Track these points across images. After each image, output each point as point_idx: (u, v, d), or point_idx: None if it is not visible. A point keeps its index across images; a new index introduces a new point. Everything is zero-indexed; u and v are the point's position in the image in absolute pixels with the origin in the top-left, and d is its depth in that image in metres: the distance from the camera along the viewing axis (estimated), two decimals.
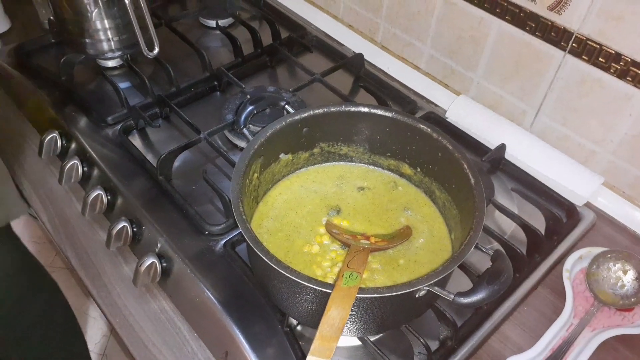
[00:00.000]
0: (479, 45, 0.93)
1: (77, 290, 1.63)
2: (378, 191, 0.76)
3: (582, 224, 0.83)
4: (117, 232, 0.79)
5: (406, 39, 1.06)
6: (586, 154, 0.87)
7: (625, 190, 0.86)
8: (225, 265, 0.75)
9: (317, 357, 0.50)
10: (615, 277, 0.74)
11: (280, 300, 0.65)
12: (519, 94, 0.92)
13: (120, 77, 1.03)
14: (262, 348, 0.67)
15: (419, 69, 1.07)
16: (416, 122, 0.71)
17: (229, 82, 1.01)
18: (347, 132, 0.76)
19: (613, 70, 0.78)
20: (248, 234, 0.57)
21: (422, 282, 0.55)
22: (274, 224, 0.71)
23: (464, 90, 1.01)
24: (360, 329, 0.62)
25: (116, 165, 0.87)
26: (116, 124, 0.93)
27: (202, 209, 0.80)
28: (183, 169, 0.88)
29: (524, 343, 0.70)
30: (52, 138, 0.91)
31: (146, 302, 0.81)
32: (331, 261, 0.67)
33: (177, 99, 0.97)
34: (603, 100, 0.81)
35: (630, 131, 0.80)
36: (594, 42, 0.78)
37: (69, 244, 0.94)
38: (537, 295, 0.76)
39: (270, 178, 0.74)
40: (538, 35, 0.84)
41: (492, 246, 0.76)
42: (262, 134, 0.69)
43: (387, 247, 0.68)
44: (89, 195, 0.83)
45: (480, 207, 0.62)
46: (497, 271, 0.56)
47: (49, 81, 1.00)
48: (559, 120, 0.88)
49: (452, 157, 0.68)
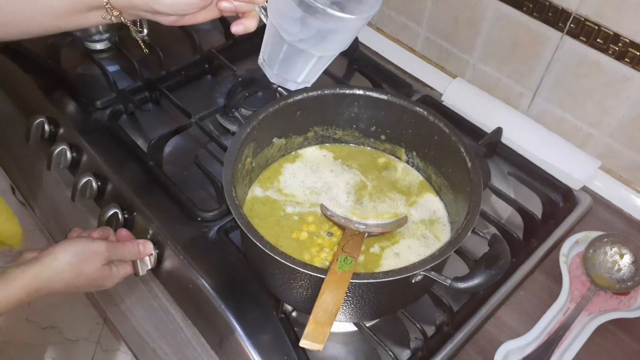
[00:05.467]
0: (475, 27, 0.92)
1: None
2: (373, 175, 0.75)
3: (578, 208, 0.83)
4: (108, 219, 0.77)
5: (402, 20, 1.04)
6: (583, 137, 0.87)
7: (621, 173, 0.85)
8: (219, 251, 0.74)
9: (310, 342, 0.49)
10: (612, 261, 0.74)
11: (274, 286, 0.65)
12: (515, 77, 0.91)
13: (108, 60, 1.00)
14: (257, 335, 0.67)
15: (414, 51, 1.06)
16: (412, 104, 0.70)
17: (220, 64, 0.99)
18: (342, 115, 0.74)
19: (611, 52, 0.76)
20: (242, 220, 0.56)
21: (419, 267, 0.54)
22: (264, 208, 0.70)
23: (460, 73, 1.00)
24: (356, 315, 0.62)
25: (106, 150, 0.85)
26: (105, 109, 0.91)
27: (195, 194, 0.79)
28: (174, 154, 0.86)
29: (520, 328, 0.70)
30: (40, 123, 0.89)
31: (139, 289, 0.80)
32: (319, 246, 0.66)
33: (167, 83, 0.95)
34: (601, 82, 0.80)
35: (628, 114, 0.79)
36: (592, 23, 0.77)
37: (60, 230, 0.92)
38: (534, 279, 0.75)
39: (263, 162, 0.73)
40: (535, 16, 0.82)
41: (488, 230, 0.76)
42: (254, 118, 0.67)
43: (383, 232, 0.67)
44: (78, 181, 0.81)
45: (477, 191, 0.61)
46: (495, 256, 0.55)
47: (36, 64, 0.98)
48: (556, 103, 0.87)
49: (448, 140, 0.67)
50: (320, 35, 0.54)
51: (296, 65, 0.60)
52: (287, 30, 0.55)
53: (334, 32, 0.55)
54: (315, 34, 0.54)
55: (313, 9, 0.51)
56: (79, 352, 1.56)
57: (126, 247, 0.70)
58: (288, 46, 0.56)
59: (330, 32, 0.54)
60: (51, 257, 0.62)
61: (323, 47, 0.57)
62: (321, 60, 0.59)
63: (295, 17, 0.52)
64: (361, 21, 0.54)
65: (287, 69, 0.60)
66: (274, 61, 0.60)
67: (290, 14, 0.53)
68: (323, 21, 0.52)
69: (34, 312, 1.62)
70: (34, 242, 1.66)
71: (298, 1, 0.51)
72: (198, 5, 0.56)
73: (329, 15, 0.51)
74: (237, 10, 0.58)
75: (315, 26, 0.53)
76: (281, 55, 0.58)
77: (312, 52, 0.57)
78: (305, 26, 0.53)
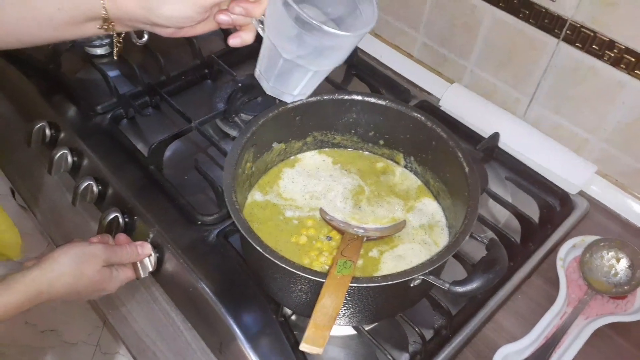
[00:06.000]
0: (472, 32, 0.92)
1: None
2: (371, 179, 0.76)
3: (575, 213, 0.83)
4: (108, 223, 0.78)
5: (399, 26, 1.05)
6: (579, 142, 0.87)
7: (617, 178, 0.86)
8: (219, 255, 0.74)
9: (310, 346, 0.49)
10: (609, 265, 0.74)
11: (274, 290, 0.65)
12: (512, 82, 0.92)
13: (109, 65, 1.01)
14: (256, 338, 0.67)
15: (412, 56, 1.06)
16: (410, 110, 0.71)
17: (220, 69, 0.99)
18: (340, 120, 0.75)
19: (607, 58, 0.77)
20: (242, 224, 0.57)
21: (417, 271, 0.54)
22: (264, 212, 0.70)
23: (457, 78, 1.00)
24: (355, 318, 0.62)
25: (106, 154, 0.86)
26: (106, 113, 0.92)
27: (194, 199, 0.80)
28: (174, 159, 0.87)
29: (518, 331, 0.70)
30: (41, 127, 0.89)
31: (139, 293, 0.81)
32: (318, 250, 0.67)
33: (168, 88, 0.96)
34: (596, 88, 0.81)
35: (623, 119, 0.80)
36: (587, 29, 0.77)
37: (60, 234, 0.93)
38: (531, 283, 0.76)
39: (263, 167, 0.74)
40: (532, 23, 0.83)
41: (486, 235, 0.77)
42: (254, 123, 0.68)
43: (381, 236, 0.67)
44: (79, 185, 0.82)
45: (474, 196, 0.62)
46: (492, 260, 0.56)
47: (37, 69, 0.98)
48: (553, 109, 0.88)
49: (446, 145, 0.68)
50: (316, 52, 0.55)
51: (292, 79, 0.60)
52: (284, 47, 0.55)
53: (330, 48, 0.55)
54: (311, 51, 0.55)
55: (309, 26, 0.51)
56: (78, 355, 1.56)
57: (124, 249, 0.70)
58: (284, 61, 0.57)
59: (326, 48, 0.55)
60: (50, 261, 0.62)
61: (319, 62, 0.57)
62: (317, 74, 0.60)
63: (292, 35, 0.53)
64: (357, 38, 0.54)
65: (283, 82, 0.61)
66: (271, 74, 0.60)
67: (286, 32, 0.53)
68: (319, 38, 0.52)
69: (33, 315, 1.61)
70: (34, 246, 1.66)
71: (294, 18, 0.51)
72: (196, 19, 0.56)
73: (325, 32, 0.51)
74: (234, 23, 0.58)
75: (312, 43, 0.53)
76: (277, 69, 0.58)
77: (308, 67, 0.58)
78: (302, 43, 0.53)
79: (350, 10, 0.57)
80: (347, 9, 0.57)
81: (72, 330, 1.59)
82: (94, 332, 1.60)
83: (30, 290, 0.60)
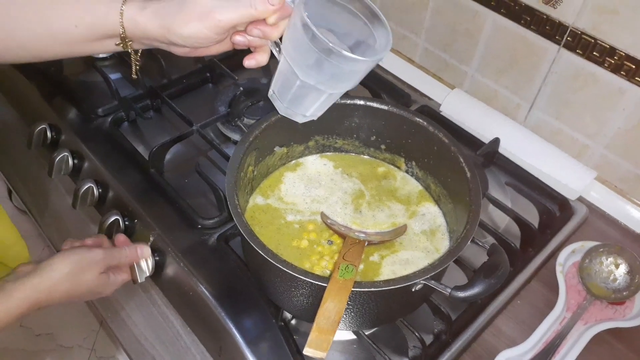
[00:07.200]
0: (473, 38, 0.93)
1: None
2: (372, 184, 0.76)
3: (574, 218, 0.84)
4: (108, 226, 0.78)
5: (401, 31, 1.05)
6: (579, 148, 0.88)
7: (617, 184, 0.86)
8: (219, 259, 0.74)
9: (314, 350, 0.49)
10: (608, 271, 0.75)
11: (275, 294, 0.65)
12: (513, 88, 0.92)
13: (110, 67, 1.01)
14: (256, 342, 0.67)
15: (413, 62, 1.07)
16: (412, 115, 0.71)
17: (221, 73, 0.99)
18: (342, 124, 0.75)
19: (607, 65, 0.78)
20: (244, 228, 0.57)
21: (419, 276, 0.54)
22: (265, 216, 0.71)
23: (458, 83, 1.01)
24: (356, 323, 0.62)
25: (107, 157, 0.85)
26: (107, 116, 0.92)
27: (195, 202, 0.80)
28: (175, 162, 0.87)
29: (517, 336, 0.70)
30: (42, 130, 0.89)
31: (138, 295, 0.80)
32: (319, 254, 0.67)
33: (169, 91, 0.96)
34: (597, 94, 0.81)
35: (624, 125, 0.80)
36: (588, 36, 0.78)
37: (60, 237, 0.92)
38: (531, 289, 0.76)
39: (265, 171, 0.74)
40: (533, 29, 0.84)
41: (486, 240, 0.77)
42: (256, 127, 0.68)
43: (382, 241, 0.67)
44: (79, 188, 0.82)
45: (476, 201, 0.62)
46: (494, 265, 0.56)
47: (38, 72, 0.98)
48: (553, 114, 0.89)
49: (448, 150, 0.68)
50: (335, 76, 0.55)
51: (307, 101, 0.60)
52: (303, 71, 0.55)
53: (348, 73, 0.55)
54: (330, 76, 0.55)
55: (328, 51, 0.51)
56: (74, 359, 1.55)
57: (123, 251, 0.70)
58: (301, 82, 0.56)
59: (345, 73, 0.55)
60: (49, 269, 0.62)
61: (336, 85, 0.58)
62: (331, 96, 0.60)
63: (312, 59, 0.53)
64: (373, 63, 0.55)
65: (297, 104, 0.61)
66: (285, 96, 0.60)
67: (306, 55, 0.53)
68: (338, 63, 0.52)
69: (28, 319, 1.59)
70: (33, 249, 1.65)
71: (311, 37, 0.51)
72: (214, 39, 0.55)
73: (345, 57, 0.52)
74: (250, 44, 0.58)
75: (331, 68, 0.53)
76: (293, 91, 0.59)
77: (324, 90, 0.58)
78: (321, 67, 0.54)
79: (365, 36, 0.57)
80: (361, 35, 0.58)
81: (67, 334, 1.59)
82: (89, 336, 1.59)
83: (29, 298, 0.60)
